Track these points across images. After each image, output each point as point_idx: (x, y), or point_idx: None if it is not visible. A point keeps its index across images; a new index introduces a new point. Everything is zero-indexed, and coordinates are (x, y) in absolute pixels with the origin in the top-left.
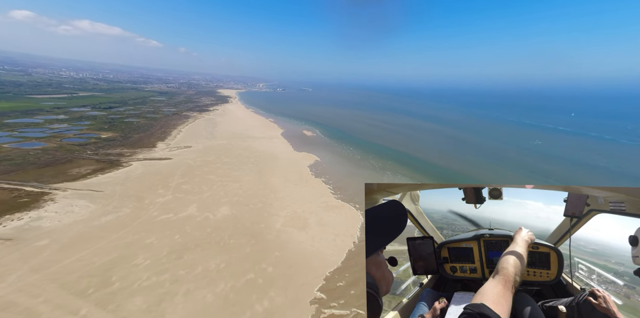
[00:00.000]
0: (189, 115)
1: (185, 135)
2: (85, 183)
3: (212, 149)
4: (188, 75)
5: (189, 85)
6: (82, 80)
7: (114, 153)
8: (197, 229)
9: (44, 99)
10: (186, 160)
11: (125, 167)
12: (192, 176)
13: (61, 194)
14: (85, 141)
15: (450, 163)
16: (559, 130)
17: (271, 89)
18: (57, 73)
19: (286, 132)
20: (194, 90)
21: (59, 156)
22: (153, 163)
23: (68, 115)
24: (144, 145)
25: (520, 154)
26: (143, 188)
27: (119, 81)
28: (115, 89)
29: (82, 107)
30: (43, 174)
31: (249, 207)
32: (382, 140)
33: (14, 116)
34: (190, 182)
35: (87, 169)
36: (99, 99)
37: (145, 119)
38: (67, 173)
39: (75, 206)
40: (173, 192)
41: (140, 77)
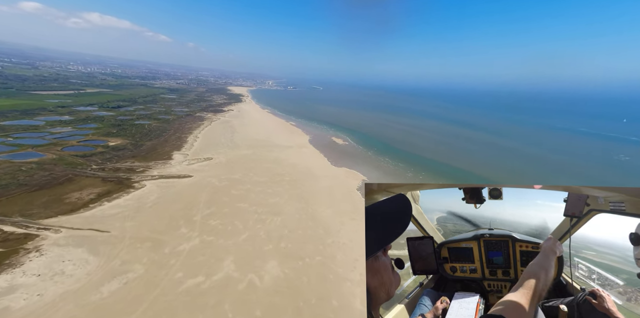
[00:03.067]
0: (204, 116)
1: (203, 142)
2: (87, 217)
3: (236, 162)
4: (196, 71)
5: (198, 82)
6: (90, 75)
7: (123, 168)
8: (240, 309)
9: (49, 96)
10: (209, 179)
11: (138, 188)
12: (220, 204)
13: (52, 238)
14: (90, 151)
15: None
16: (630, 140)
17: (282, 87)
18: (64, 67)
19: (314, 139)
20: (204, 88)
21: (57, 173)
22: (170, 183)
23: (73, 116)
24: (159, 157)
25: (622, 176)
26: (161, 224)
27: (128, 76)
28: (124, 85)
29: (89, 106)
30: (33, 202)
31: (304, 261)
32: (427, 151)
33: (12, 117)
34: (218, 213)
35: (91, 193)
36: (106, 96)
37: (157, 121)
38: (65, 200)
39: (69, 262)
40: (199, 233)
41: (149, 73)
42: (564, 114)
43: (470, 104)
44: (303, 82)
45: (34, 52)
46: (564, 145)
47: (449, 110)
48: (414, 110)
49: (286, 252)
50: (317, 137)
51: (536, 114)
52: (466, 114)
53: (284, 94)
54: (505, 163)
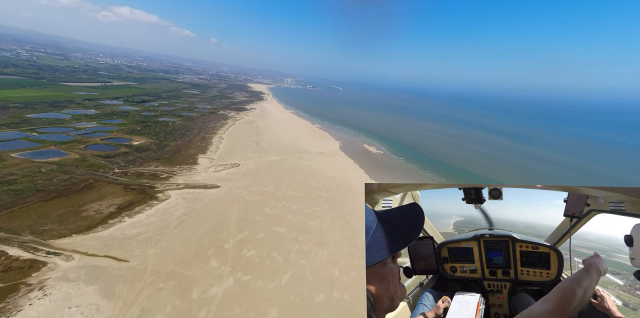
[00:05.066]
0: (227, 115)
1: (228, 144)
2: (104, 237)
3: (265, 171)
4: (216, 67)
5: (219, 78)
6: (116, 68)
7: (146, 172)
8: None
9: (77, 88)
10: (238, 191)
11: (161, 200)
12: (253, 226)
13: (62, 268)
14: (114, 151)
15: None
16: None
17: (301, 86)
18: (94, 59)
19: (344, 145)
20: (225, 84)
21: (77, 177)
22: (196, 194)
23: (98, 110)
24: (183, 161)
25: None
26: (187, 253)
27: (152, 70)
28: (148, 78)
29: (115, 100)
30: (47, 214)
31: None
32: (474, 166)
33: (40, 109)
34: (252, 240)
35: (111, 205)
36: (132, 89)
37: (180, 119)
38: (82, 213)
39: (76, 308)
40: (233, 268)
41: (172, 67)
42: (602, 125)
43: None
44: (320, 81)
45: (68, 44)
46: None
47: (480, 117)
48: (440, 115)
49: (342, 307)
50: (348, 144)
51: (581, 125)
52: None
53: (304, 93)
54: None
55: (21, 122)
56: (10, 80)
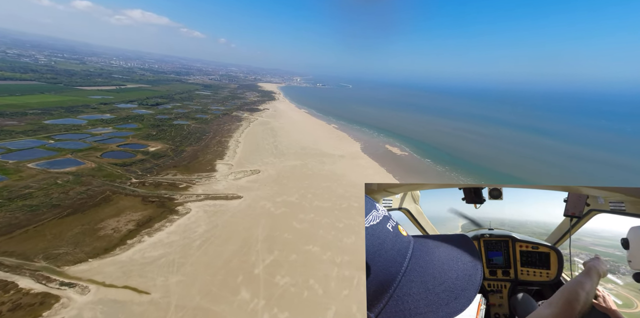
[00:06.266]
0: (241, 116)
1: (245, 148)
2: (123, 262)
3: (288, 177)
4: (225, 67)
5: (229, 78)
6: (130, 70)
7: (165, 182)
8: None
9: (92, 92)
10: (262, 202)
11: (182, 214)
12: (283, 245)
13: (75, 304)
14: (130, 158)
15: None
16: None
17: (310, 84)
18: (108, 62)
19: (366, 147)
20: (236, 84)
21: (94, 188)
22: (218, 206)
23: (114, 114)
24: (201, 168)
25: None
26: (214, 281)
27: (164, 72)
28: (161, 80)
29: (129, 103)
30: (62, 234)
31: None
32: (511, 168)
33: (57, 114)
34: (284, 262)
35: (129, 221)
36: (145, 92)
37: (195, 121)
38: (99, 231)
39: None
40: (267, 301)
41: (182, 68)
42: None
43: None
44: (329, 79)
45: (83, 48)
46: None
47: (503, 112)
48: (459, 111)
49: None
50: (369, 145)
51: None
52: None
53: (314, 91)
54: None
55: (38, 129)
56: (30, 86)
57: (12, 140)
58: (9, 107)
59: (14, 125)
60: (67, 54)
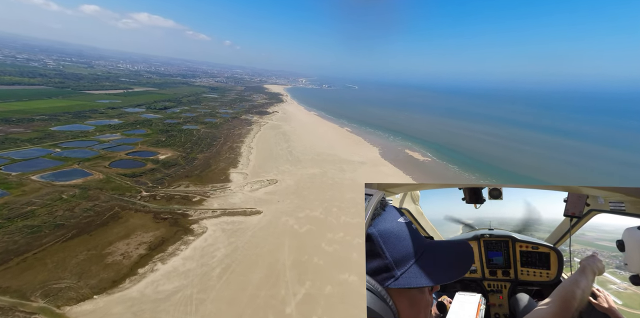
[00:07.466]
0: (250, 120)
1: (259, 155)
2: (133, 299)
3: (308, 188)
4: (231, 69)
5: (235, 80)
6: (136, 73)
7: (177, 195)
8: None
9: (100, 96)
10: (284, 218)
11: (198, 234)
12: (314, 273)
13: None
14: (140, 168)
15: None
16: None
17: (316, 86)
18: (115, 65)
19: (384, 152)
20: (242, 86)
21: (101, 203)
22: (236, 224)
23: (122, 119)
24: (215, 178)
25: None
26: None
27: (170, 74)
28: (168, 83)
29: (137, 107)
30: (65, 263)
31: None
32: (542, 173)
33: (64, 120)
34: (319, 297)
35: (140, 244)
36: (153, 95)
37: (204, 126)
38: (107, 258)
39: None
40: None
41: (188, 71)
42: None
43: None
44: (334, 80)
45: (91, 52)
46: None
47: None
48: (474, 113)
49: None
50: (388, 150)
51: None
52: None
53: (321, 93)
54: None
55: (44, 137)
56: (38, 90)
57: (17, 149)
58: (16, 112)
59: (20, 133)
60: (75, 58)
